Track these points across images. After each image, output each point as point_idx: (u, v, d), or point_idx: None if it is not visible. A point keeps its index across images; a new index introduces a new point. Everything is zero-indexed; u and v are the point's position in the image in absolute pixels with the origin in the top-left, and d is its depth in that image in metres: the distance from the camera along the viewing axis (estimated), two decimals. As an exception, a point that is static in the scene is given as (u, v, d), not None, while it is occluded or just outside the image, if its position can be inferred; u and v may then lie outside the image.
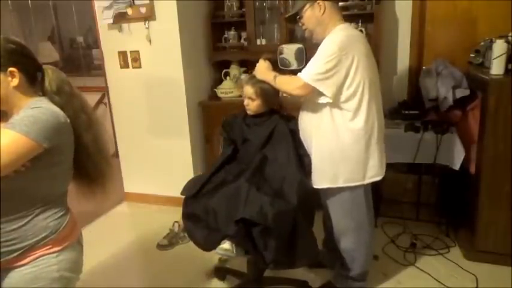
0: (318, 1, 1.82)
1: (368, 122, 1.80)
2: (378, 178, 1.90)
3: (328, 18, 1.83)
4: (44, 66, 1.28)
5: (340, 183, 1.87)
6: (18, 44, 1.20)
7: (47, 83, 1.26)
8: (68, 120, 1.22)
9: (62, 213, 1.27)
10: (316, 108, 1.85)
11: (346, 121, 1.80)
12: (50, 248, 1.22)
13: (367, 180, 1.88)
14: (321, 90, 1.74)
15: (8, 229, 1.16)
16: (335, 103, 1.78)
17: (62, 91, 1.27)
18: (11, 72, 1.16)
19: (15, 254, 1.18)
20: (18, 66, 1.17)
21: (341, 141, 1.82)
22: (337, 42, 1.73)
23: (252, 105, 1.97)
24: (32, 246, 1.19)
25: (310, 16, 1.85)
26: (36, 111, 1.14)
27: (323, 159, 1.88)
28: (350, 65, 1.73)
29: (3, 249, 1.16)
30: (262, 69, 1.96)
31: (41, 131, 1.11)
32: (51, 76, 1.28)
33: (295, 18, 1.93)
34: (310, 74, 1.74)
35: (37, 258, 1.20)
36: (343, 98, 1.77)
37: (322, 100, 1.79)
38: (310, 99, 1.85)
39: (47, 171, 1.19)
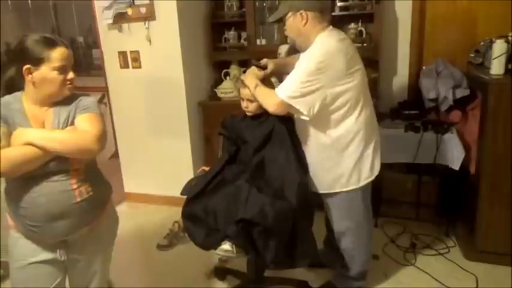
0: (300, 11, 1.74)
1: (354, 128, 1.79)
2: (372, 179, 1.92)
3: (310, 29, 1.76)
4: None
5: (337, 189, 1.90)
6: None
7: None
8: None
9: None
10: (301, 120, 1.82)
11: (331, 131, 1.80)
12: None
13: (362, 183, 1.89)
14: (297, 108, 1.71)
15: None
16: (318, 116, 1.75)
17: None
18: None
19: None
20: None
21: (331, 150, 1.83)
22: (316, 61, 1.68)
23: (252, 107, 1.96)
24: None
25: (291, 25, 1.80)
26: None
27: (317, 168, 1.90)
28: (329, 83, 1.69)
29: None
30: (249, 75, 1.92)
31: None
32: None
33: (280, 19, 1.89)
34: (285, 91, 1.71)
35: None
36: (326, 111, 1.75)
37: (300, 116, 1.77)
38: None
39: None
